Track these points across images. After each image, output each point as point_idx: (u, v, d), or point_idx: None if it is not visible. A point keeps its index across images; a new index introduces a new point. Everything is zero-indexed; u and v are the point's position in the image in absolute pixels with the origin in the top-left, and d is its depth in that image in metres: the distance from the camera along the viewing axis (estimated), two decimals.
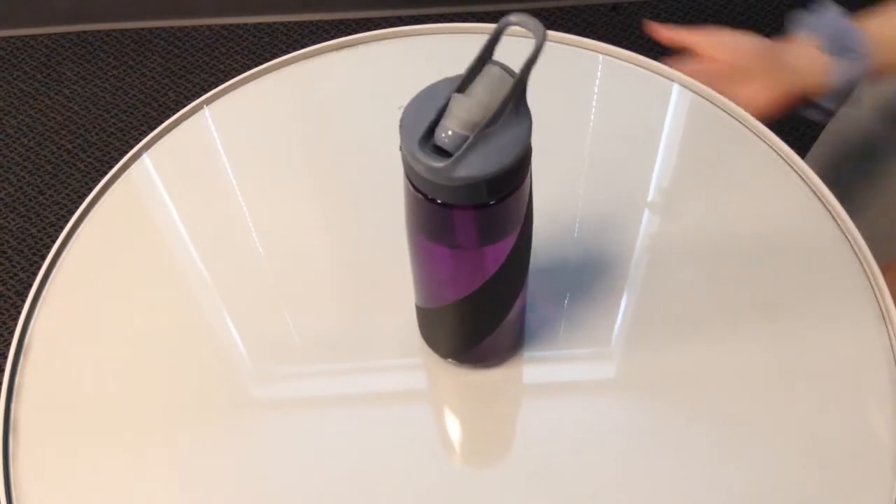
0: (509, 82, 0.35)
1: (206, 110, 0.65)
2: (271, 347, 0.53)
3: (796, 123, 0.67)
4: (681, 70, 0.66)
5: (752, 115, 0.62)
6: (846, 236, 0.56)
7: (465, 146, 0.34)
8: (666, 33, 0.69)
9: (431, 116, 0.35)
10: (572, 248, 0.57)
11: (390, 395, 0.51)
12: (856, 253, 0.56)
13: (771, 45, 0.68)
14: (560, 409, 0.50)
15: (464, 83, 0.35)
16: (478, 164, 0.34)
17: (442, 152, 0.35)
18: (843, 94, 0.67)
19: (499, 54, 0.37)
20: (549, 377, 0.52)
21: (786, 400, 0.50)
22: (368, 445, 0.49)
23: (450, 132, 0.35)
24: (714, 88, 0.63)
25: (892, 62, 0.66)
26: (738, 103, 0.63)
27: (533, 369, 0.52)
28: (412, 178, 0.36)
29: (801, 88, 0.68)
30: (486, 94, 0.35)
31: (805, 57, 0.67)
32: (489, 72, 0.35)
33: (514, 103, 0.35)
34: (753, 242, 0.57)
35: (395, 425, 0.50)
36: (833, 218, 0.57)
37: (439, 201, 0.36)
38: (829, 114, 0.69)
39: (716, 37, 0.69)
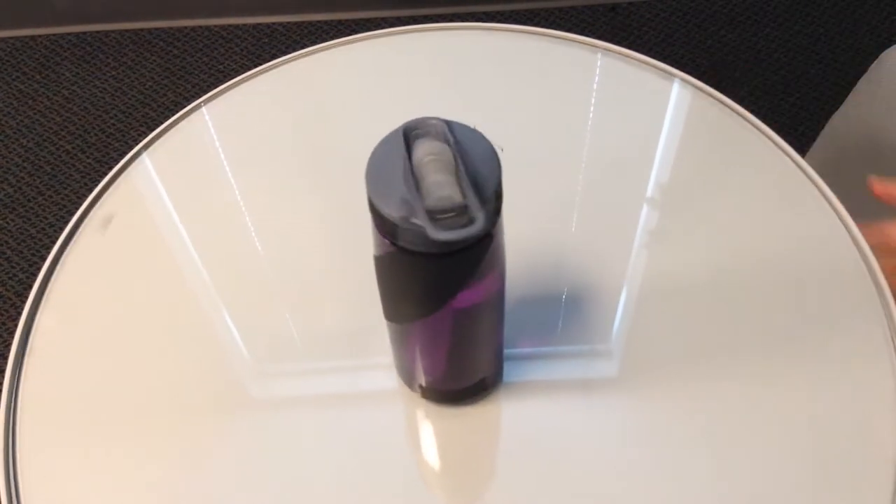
0: (445, 200, 0.34)
1: (205, 111, 0.65)
2: (271, 346, 0.53)
3: (796, 122, 0.66)
4: (877, 236, 0.58)
5: None
6: (850, 231, 0.56)
7: (391, 163, 0.35)
8: (886, 189, 0.61)
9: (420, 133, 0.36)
10: (571, 247, 0.57)
11: (391, 394, 0.51)
12: (857, 250, 0.56)
13: None
14: (545, 418, 0.50)
15: (458, 156, 0.35)
16: (380, 191, 0.35)
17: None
18: None
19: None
20: (543, 375, 0.52)
21: (785, 400, 0.50)
22: (366, 445, 0.49)
23: (417, 153, 0.35)
24: None
25: None
26: None
27: (533, 367, 0.52)
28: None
29: None
30: (434, 173, 0.34)
31: None
32: (454, 182, 0.34)
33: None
34: (753, 237, 0.57)
35: (393, 424, 0.50)
36: (837, 214, 0.57)
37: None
38: None
39: None
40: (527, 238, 0.57)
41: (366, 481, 0.48)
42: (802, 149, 0.73)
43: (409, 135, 0.36)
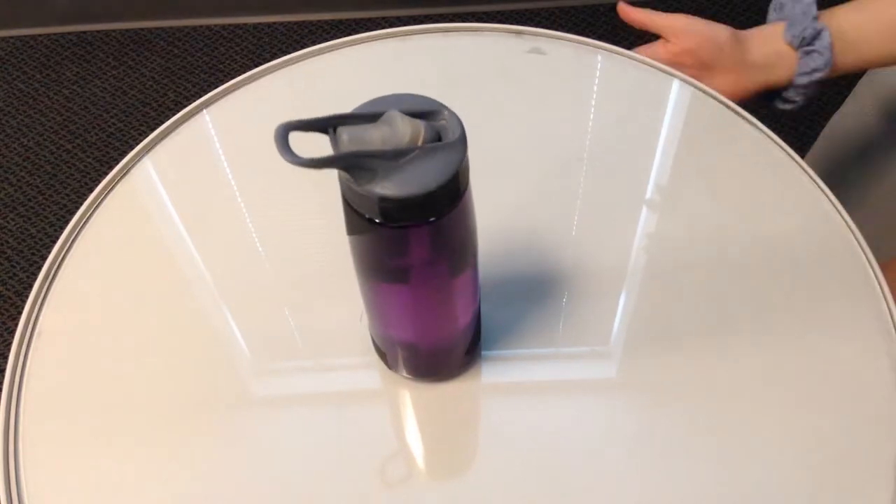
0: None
1: (206, 111, 0.65)
2: (271, 347, 0.53)
3: (796, 123, 0.67)
4: (642, 53, 0.68)
5: None
6: (850, 231, 0.56)
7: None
8: (636, 14, 0.70)
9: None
10: (569, 245, 0.57)
11: (390, 392, 0.52)
12: (858, 249, 0.56)
13: (738, 36, 0.68)
14: (546, 410, 0.50)
15: (419, 152, 0.35)
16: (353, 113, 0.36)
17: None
18: (809, 88, 0.68)
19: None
20: (541, 376, 0.52)
21: (785, 399, 0.50)
22: (361, 442, 0.49)
23: (392, 116, 0.35)
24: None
25: (853, 63, 0.66)
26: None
27: (530, 367, 0.52)
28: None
29: (764, 83, 0.68)
30: (375, 130, 0.35)
31: (770, 52, 0.67)
32: (371, 144, 0.34)
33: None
34: (753, 239, 0.57)
35: (387, 422, 0.50)
36: (837, 212, 0.57)
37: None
38: (796, 105, 0.70)
39: (684, 22, 0.69)
40: (526, 237, 0.57)
41: (357, 473, 0.48)
42: (802, 149, 0.73)
43: (427, 113, 0.36)
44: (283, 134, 0.34)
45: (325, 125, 0.35)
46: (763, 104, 0.71)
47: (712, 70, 0.68)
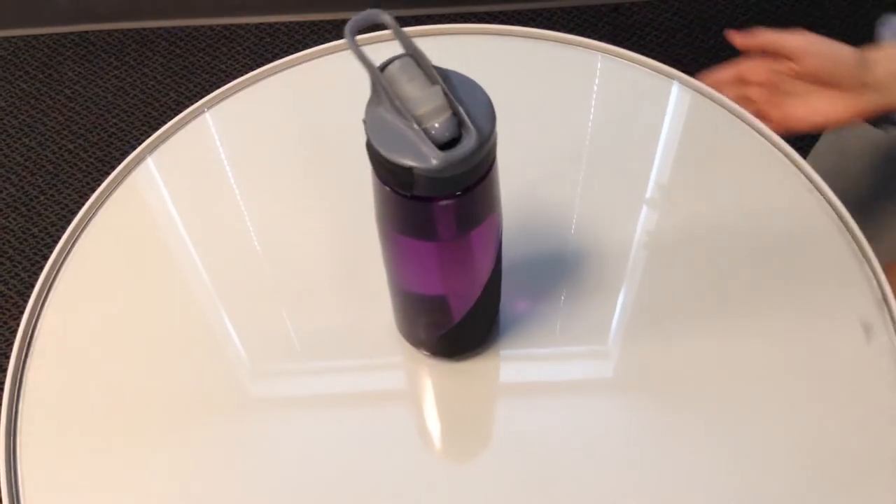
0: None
1: (208, 114, 0.65)
2: (272, 348, 0.53)
3: None
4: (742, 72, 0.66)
5: (817, 123, 0.61)
6: (850, 231, 0.56)
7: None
8: (752, 40, 0.67)
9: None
10: (570, 244, 0.57)
11: (389, 393, 0.52)
12: (857, 248, 0.56)
13: (859, 56, 0.65)
14: (550, 406, 0.50)
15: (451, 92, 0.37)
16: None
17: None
18: None
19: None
20: (544, 376, 0.52)
21: (785, 397, 0.50)
22: (363, 443, 0.49)
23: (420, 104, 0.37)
24: (761, 105, 0.62)
25: None
26: (791, 114, 0.63)
27: (529, 366, 0.52)
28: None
29: (886, 105, 0.65)
30: (412, 85, 0.37)
31: (894, 72, 0.64)
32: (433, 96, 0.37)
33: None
34: (752, 239, 0.57)
35: (388, 422, 0.50)
36: (834, 212, 0.57)
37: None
38: None
39: (805, 40, 0.66)
40: (527, 238, 0.57)
41: (363, 469, 0.48)
42: (804, 149, 0.73)
43: (461, 118, 0.37)
44: (362, 19, 0.35)
45: (405, 44, 0.37)
46: (876, 125, 0.69)
47: (827, 86, 0.65)
